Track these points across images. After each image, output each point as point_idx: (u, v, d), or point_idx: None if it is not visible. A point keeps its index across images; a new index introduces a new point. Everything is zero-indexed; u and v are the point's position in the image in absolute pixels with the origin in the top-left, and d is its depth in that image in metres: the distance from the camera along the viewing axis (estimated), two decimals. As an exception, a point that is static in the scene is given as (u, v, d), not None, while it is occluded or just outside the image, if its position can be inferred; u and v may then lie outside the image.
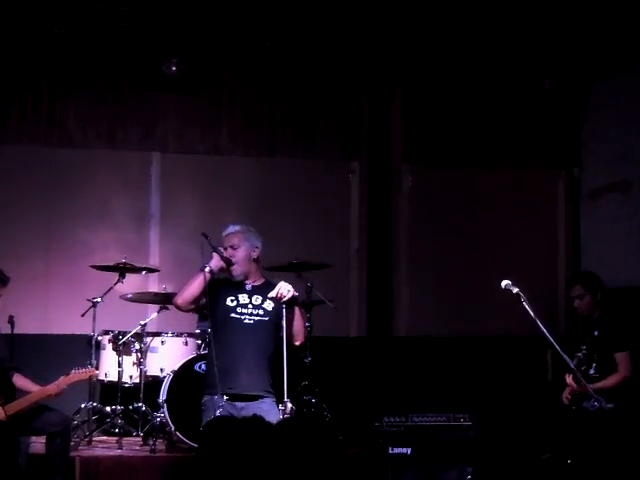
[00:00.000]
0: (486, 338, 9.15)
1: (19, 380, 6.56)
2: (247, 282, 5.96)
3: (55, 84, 8.70)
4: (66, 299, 8.39)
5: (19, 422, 6.39)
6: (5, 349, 6.85)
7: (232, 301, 5.88)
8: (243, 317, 5.86)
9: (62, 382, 6.48)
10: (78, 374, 6.68)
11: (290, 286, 5.72)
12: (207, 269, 5.80)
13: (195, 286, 5.82)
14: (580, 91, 9.55)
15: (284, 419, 5.22)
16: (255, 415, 3.81)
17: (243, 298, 5.90)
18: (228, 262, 5.86)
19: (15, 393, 6.55)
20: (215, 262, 5.85)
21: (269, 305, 5.88)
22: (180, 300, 5.92)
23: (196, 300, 5.87)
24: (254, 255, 5.97)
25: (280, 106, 9.17)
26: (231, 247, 5.93)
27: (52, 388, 6.46)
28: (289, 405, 5.50)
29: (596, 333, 6.63)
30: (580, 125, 9.60)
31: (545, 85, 9.34)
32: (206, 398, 5.83)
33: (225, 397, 5.71)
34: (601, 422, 6.11)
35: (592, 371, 6.52)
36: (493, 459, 6.85)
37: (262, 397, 5.78)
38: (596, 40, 8.73)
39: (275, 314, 5.86)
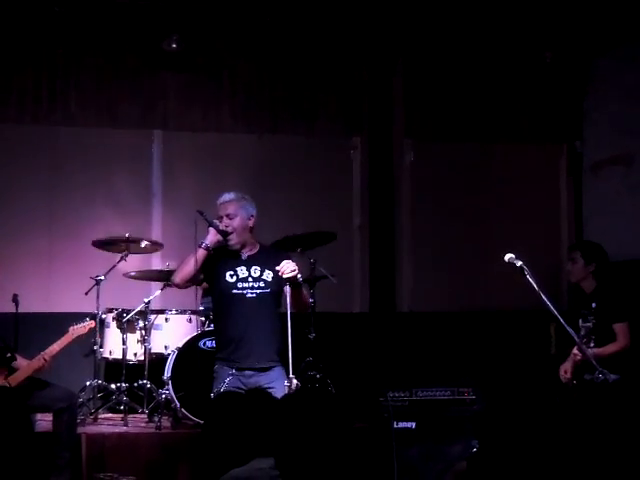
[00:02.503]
0: (489, 312, 9.17)
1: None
2: (243, 252, 5.95)
3: (55, 62, 8.67)
4: (69, 277, 8.40)
5: (23, 399, 6.41)
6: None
7: (232, 276, 5.87)
8: (245, 292, 5.86)
9: (46, 354, 6.50)
10: (78, 329, 6.70)
11: (295, 267, 5.70)
12: (203, 245, 5.81)
13: (192, 264, 5.81)
14: (582, 64, 9.53)
15: (290, 393, 5.24)
16: (260, 388, 3.83)
17: (242, 271, 5.88)
18: (225, 234, 5.85)
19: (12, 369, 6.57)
20: (211, 237, 5.85)
21: (268, 275, 5.88)
22: (178, 279, 5.94)
23: (194, 278, 5.88)
24: (250, 224, 5.95)
25: (281, 82, 9.15)
26: (227, 216, 5.91)
27: (37, 362, 6.49)
28: (294, 381, 5.53)
29: (594, 305, 6.63)
30: (582, 98, 9.58)
31: (546, 58, 9.31)
32: (217, 366, 5.89)
33: (234, 369, 5.76)
34: (606, 394, 6.12)
35: (592, 344, 6.53)
36: (497, 433, 6.88)
37: (271, 367, 5.81)
38: (598, 12, 8.70)
39: (276, 283, 5.86)
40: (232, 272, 5.87)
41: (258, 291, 5.86)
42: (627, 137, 8.88)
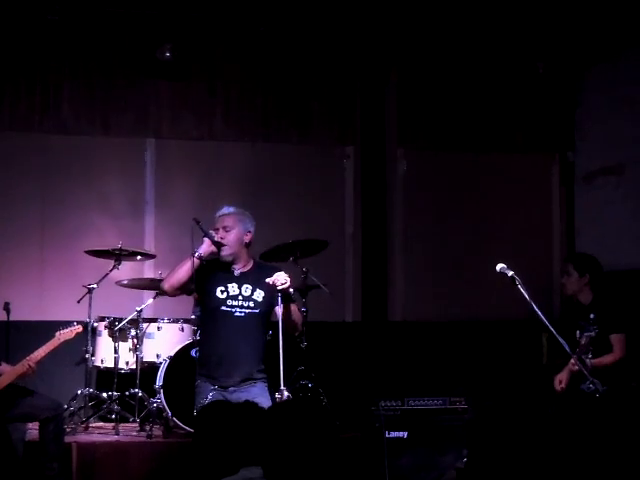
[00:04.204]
0: (481, 322, 9.18)
1: None
2: (235, 267, 5.88)
3: (48, 71, 8.66)
4: (61, 285, 8.39)
5: (7, 407, 6.38)
6: None
7: (222, 292, 5.81)
8: (234, 310, 5.80)
9: (31, 359, 6.45)
10: (64, 334, 6.65)
11: (287, 279, 5.67)
12: (196, 254, 5.76)
13: (183, 272, 5.76)
14: (574, 75, 9.55)
15: (279, 403, 5.23)
16: (247, 401, 3.83)
17: (233, 288, 5.82)
18: (219, 245, 5.81)
19: None
20: (205, 247, 5.78)
21: (259, 295, 5.82)
22: (167, 285, 5.87)
23: (183, 286, 5.82)
24: (246, 239, 5.89)
25: (274, 91, 9.15)
26: (223, 228, 5.86)
27: (21, 367, 6.44)
28: (285, 393, 5.51)
29: (592, 316, 6.63)
30: (574, 109, 9.60)
31: (539, 69, 9.33)
32: (199, 381, 5.85)
33: (216, 386, 5.74)
34: (596, 404, 6.13)
35: (590, 355, 6.53)
36: (488, 442, 6.88)
37: (254, 380, 5.78)
38: (590, 23, 8.73)
39: (266, 304, 5.82)
40: (223, 288, 5.82)
41: (247, 311, 5.81)
42: (619, 147, 8.90)
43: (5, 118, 8.63)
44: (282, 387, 5.50)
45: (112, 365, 7.68)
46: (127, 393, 7.65)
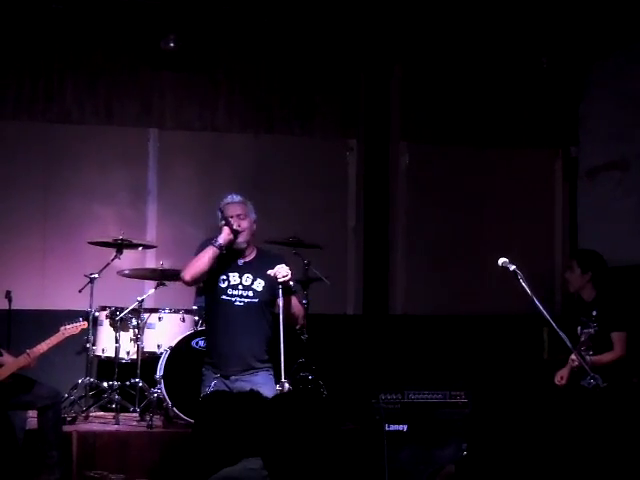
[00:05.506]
0: (482, 316, 9.17)
1: None
2: (239, 258, 5.91)
3: (53, 60, 8.66)
4: (63, 275, 8.40)
5: (6, 395, 6.39)
6: None
7: (223, 281, 5.82)
8: (234, 299, 5.81)
9: (33, 352, 6.46)
10: (69, 329, 6.66)
11: (289, 271, 5.67)
12: (217, 244, 5.78)
13: (205, 262, 5.76)
14: (578, 69, 9.54)
15: (280, 394, 5.23)
16: (251, 390, 3.83)
17: (234, 278, 5.84)
18: (236, 233, 5.82)
19: None
20: (225, 236, 5.80)
21: (259, 285, 5.84)
22: (188, 276, 5.86)
23: (204, 275, 5.84)
24: (254, 228, 5.94)
25: (278, 83, 9.15)
26: (237, 216, 5.86)
27: (23, 360, 6.46)
28: (286, 385, 5.51)
29: (594, 313, 6.61)
30: (578, 104, 9.60)
31: (543, 64, 9.32)
32: (204, 368, 5.89)
33: (219, 374, 5.76)
34: (596, 399, 6.13)
35: (590, 352, 6.52)
36: (488, 436, 6.88)
37: (257, 370, 5.79)
38: (594, 18, 8.71)
39: (266, 293, 5.82)
40: (225, 277, 5.83)
41: (246, 300, 5.81)
42: (622, 142, 8.89)
43: (9, 107, 8.63)
44: (283, 379, 5.51)
45: (113, 355, 7.69)
46: (128, 383, 7.66)
